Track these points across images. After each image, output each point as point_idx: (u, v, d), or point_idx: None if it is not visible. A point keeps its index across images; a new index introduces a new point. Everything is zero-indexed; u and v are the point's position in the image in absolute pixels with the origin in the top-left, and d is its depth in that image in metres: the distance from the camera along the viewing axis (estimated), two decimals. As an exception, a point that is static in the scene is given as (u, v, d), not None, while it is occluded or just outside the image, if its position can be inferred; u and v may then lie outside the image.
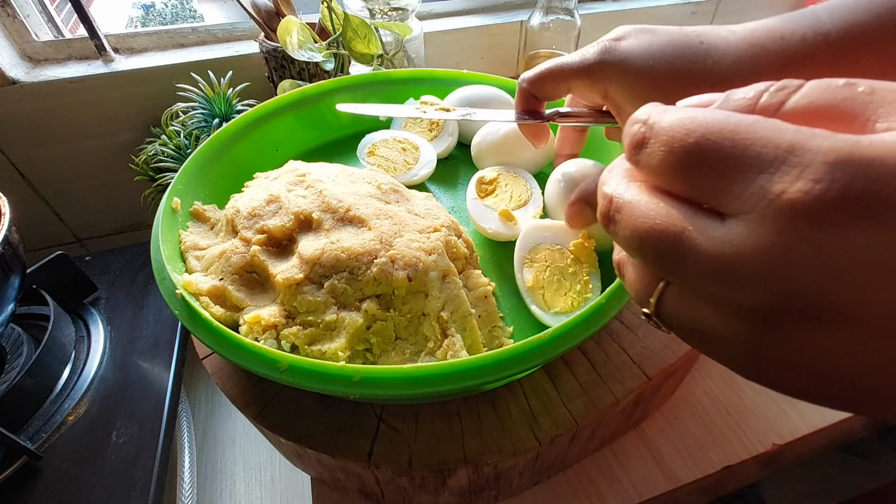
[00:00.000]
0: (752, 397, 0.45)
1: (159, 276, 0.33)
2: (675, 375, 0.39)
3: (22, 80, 0.59)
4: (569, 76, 0.32)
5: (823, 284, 0.11)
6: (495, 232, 0.41)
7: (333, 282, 0.32)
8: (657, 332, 0.37)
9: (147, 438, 0.46)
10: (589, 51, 0.31)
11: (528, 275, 0.37)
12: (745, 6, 0.89)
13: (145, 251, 0.65)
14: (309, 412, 0.33)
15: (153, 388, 0.51)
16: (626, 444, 0.42)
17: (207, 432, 0.60)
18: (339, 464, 0.32)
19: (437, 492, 0.34)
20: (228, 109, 0.58)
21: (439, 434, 0.32)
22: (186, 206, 0.40)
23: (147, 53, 0.66)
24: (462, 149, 0.54)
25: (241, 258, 0.34)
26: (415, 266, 0.32)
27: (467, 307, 0.34)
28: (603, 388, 0.33)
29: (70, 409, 0.48)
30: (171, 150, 0.57)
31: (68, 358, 0.52)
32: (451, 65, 0.78)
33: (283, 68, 0.60)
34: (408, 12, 0.60)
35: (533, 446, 0.31)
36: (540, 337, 0.28)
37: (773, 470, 0.46)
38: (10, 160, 0.64)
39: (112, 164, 0.68)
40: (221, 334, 0.29)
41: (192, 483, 0.52)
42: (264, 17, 0.60)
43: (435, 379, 0.27)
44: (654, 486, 0.40)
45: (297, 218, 0.35)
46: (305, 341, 0.31)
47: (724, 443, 0.42)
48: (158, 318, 0.58)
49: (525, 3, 0.81)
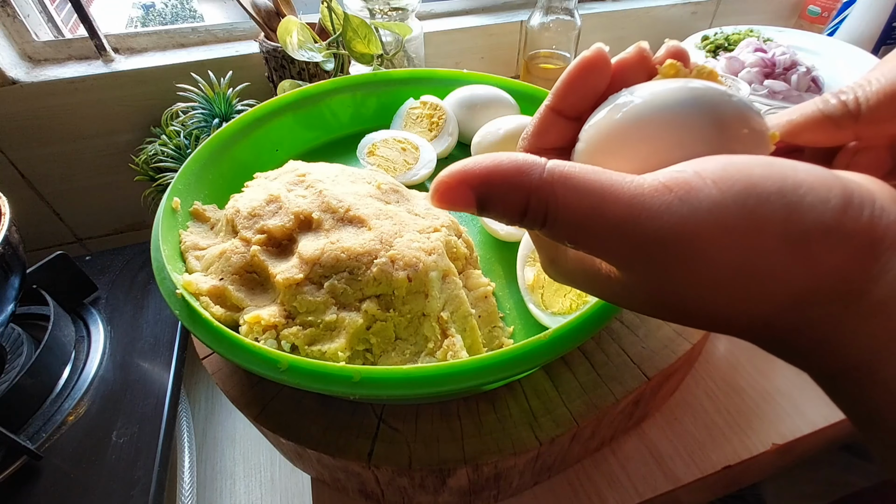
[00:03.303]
0: (753, 397, 0.45)
1: (159, 276, 0.33)
2: (675, 376, 0.39)
3: (22, 80, 0.59)
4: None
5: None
6: (507, 233, 0.41)
7: (333, 282, 0.32)
8: (657, 333, 0.37)
9: (147, 438, 0.46)
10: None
11: (530, 274, 0.37)
12: (745, 6, 0.89)
13: (145, 251, 0.66)
14: (309, 412, 0.33)
15: (153, 388, 0.51)
16: (626, 444, 0.42)
17: (207, 432, 0.60)
18: (339, 464, 0.32)
19: (437, 492, 0.34)
20: (228, 109, 0.58)
21: (439, 434, 0.32)
22: (186, 206, 0.40)
23: (147, 53, 0.66)
24: (462, 149, 0.54)
25: (241, 258, 0.34)
26: (415, 266, 0.32)
27: (467, 307, 0.34)
28: (603, 389, 0.33)
29: (70, 409, 0.48)
30: (171, 150, 0.57)
31: (68, 358, 0.52)
32: (451, 65, 0.78)
33: (283, 68, 0.60)
34: (408, 12, 0.60)
35: (533, 446, 0.31)
36: (540, 338, 0.28)
37: (774, 470, 0.46)
38: (10, 160, 0.64)
39: (112, 164, 0.68)
40: (221, 334, 0.29)
41: (192, 483, 0.52)
42: (264, 17, 0.60)
43: (435, 379, 0.27)
44: (654, 486, 0.40)
45: (297, 218, 0.35)
46: (305, 341, 0.31)
47: (724, 443, 0.42)
48: (158, 318, 0.58)
49: (525, 3, 0.81)
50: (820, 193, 0.13)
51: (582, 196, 0.15)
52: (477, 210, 0.16)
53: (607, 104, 0.18)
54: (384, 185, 0.40)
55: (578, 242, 0.16)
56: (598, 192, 0.14)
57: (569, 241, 0.16)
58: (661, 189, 0.14)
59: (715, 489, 0.44)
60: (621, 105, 0.18)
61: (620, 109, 0.18)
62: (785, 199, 0.13)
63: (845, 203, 0.13)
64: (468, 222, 0.45)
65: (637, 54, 0.19)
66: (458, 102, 0.52)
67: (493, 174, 0.15)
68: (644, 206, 0.14)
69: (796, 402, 0.44)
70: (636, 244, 0.14)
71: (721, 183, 0.14)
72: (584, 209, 0.15)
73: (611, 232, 0.15)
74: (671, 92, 0.17)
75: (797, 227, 0.13)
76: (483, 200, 0.16)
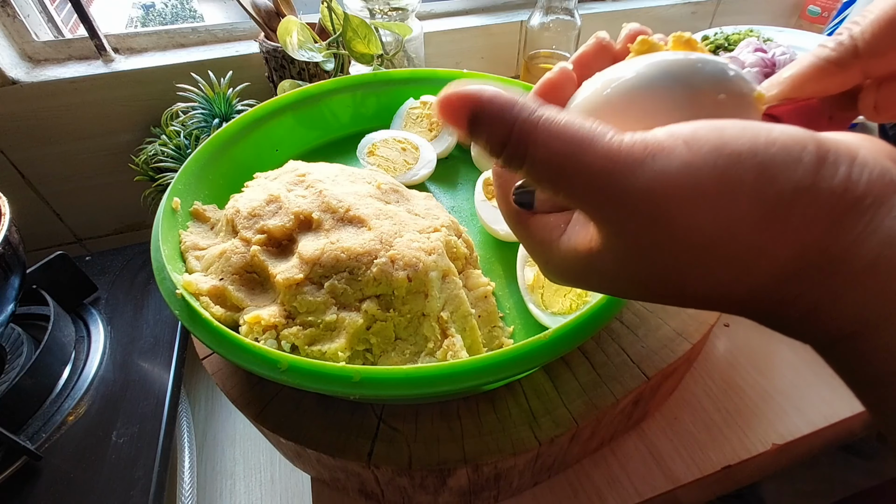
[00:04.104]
0: (752, 397, 0.45)
1: (159, 276, 0.33)
2: (675, 375, 0.39)
3: (22, 80, 0.59)
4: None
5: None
6: (507, 233, 0.41)
7: (333, 282, 0.32)
8: (657, 333, 0.37)
9: (147, 438, 0.46)
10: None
11: (530, 274, 0.37)
12: (745, 6, 0.89)
13: (145, 251, 0.66)
14: (309, 412, 0.33)
15: (153, 388, 0.51)
16: (626, 444, 0.42)
17: (207, 432, 0.60)
18: (339, 464, 0.32)
19: (437, 492, 0.34)
20: (228, 109, 0.58)
21: (439, 434, 0.32)
22: (186, 206, 0.40)
23: (147, 53, 0.66)
24: (462, 149, 0.54)
25: (241, 258, 0.34)
26: (415, 266, 0.32)
27: (467, 307, 0.34)
28: (603, 388, 0.33)
29: (70, 409, 0.48)
30: (171, 150, 0.57)
31: (68, 358, 0.52)
32: (451, 65, 0.78)
33: (283, 68, 0.60)
34: (408, 12, 0.60)
35: (533, 446, 0.31)
36: (540, 338, 0.28)
37: (773, 470, 0.46)
38: (10, 160, 0.64)
39: (112, 164, 0.68)
40: (221, 334, 0.29)
41: (192, 483, 0.52)
42: (264, 17, 0.60)
43: (435, 379, 0.27)
44: (654, 486, 0.40)
45: (297, 218, 0.35)
46: (305, 341, 0.31)
47: (724, 443, 0.42)
48: (158, 318, 0.58)
49: (525, 3, 0.81)
50: (793, 152, 0.13)
51: (563, 141, 0.15)
52: (468, 131, 0.16)
53: (582, 90, 0.18)
54: (384, 185, 0.40)
55: (558, 186, 0.15)
56: (578, 139, 0.14)
57: (549, 185, 0.16)
58: (637, 145, 0.14)
59: (715, 489, 0.44)
60: (598, 88, 0.18)
61: (598, 92, 0.18)
62: (756, 158, 0.13)
63: (819, 161, 0.13)
64: (468, 222, 0.45)
65: (596, 45, 0.20)
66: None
67: (489, 102, 0.16)
68: (619, 160, 0.14)
69: (796, 402, 0.44)
70: (611, 197, 0.14)
71: (692, 143, 0.14)
72: (563, 153, 0.15)
73: (588, 179, 0.14)
74: (645, 68, 0.17)
75: (770, 189, 0.13)
76: (473, 123, 0.16)
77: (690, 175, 0.13)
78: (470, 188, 0.49)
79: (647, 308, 0.38)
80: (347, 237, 0.33)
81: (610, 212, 0.15)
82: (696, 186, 0.13)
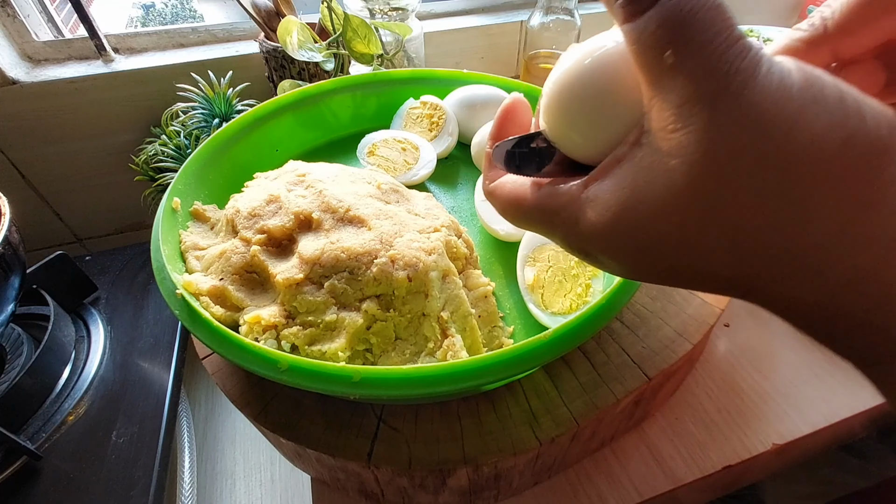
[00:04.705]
0: (752, 397, 0.45)
1: (159, 276, 0.33)
2: (676, 376, 0.39)
3: (22, 80, 0.59)
4: None
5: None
6: (507, 233, 0.41)
7: (333, 282, 0.32)
8: (657, 333, 0.37)
9: (147, 438, 0.46)
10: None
11: (530, 273, 0.37)
12: (745, 6, 0.89)
13: (145, 251, 0.66)
14: (309, 412, 0.33)
15: (153, 388, 0.51)
16: (626, 444, 0.42)
17: (207, 432, 0.60)
18: (339, 464, 0.32)
19: (436, 492, 0.34)
20: (228, 109, 0.58)
21: (439, 434, 0.32)
22: (186, 206, 0.40)
23: (147, 53, 0.66)
24: (462, 149, 0.54)
25: (241, 258, 0.34)
26: (415, 266, 0.32)
27: (467, 307, 0.34)
28: (603, 388, 0.33)
29: (70, 409, 0.48)
30: (171, 150, 0.57)
31: (68, 358, 0.52)
32: (451, 65, 0.78)
33: (283, 68, 0.60)
34: (408, 12, 0.60)
35: (533, 446, 0.31)
36: (540, 338, 0.28)
37: (773, 470, 0.46)
38: (10, 160, 0.64)
39: (112, 164, 0.68)
40: (221, 334, 0.29)
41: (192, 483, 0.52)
42: (264, 17, 0.60)
43: (435, 379, 0.27)
44: (654, 486, 0.40)
45: (297, 218, 0.35)
46: (305, 341, 0.31)
47: (724, 443, 0.42)
48: (158, 318, 0.58)
49: (525, 3, 0.81)
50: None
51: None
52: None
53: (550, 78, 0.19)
54: (384, 185, 0.40)
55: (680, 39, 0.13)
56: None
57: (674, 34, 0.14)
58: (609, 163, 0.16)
59: (715, 489, 0.44)
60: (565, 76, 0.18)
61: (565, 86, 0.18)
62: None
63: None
64: (468, 222, 0.45)
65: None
66: (458, 102, 0.52)
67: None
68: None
69: (796, 402, 0.44)
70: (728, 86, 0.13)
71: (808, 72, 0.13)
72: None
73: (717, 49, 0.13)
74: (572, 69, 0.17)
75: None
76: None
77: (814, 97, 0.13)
78: (470, 188, 0.49)
79: (647, 308, 0.38)
80: (347, 237, 0.33)
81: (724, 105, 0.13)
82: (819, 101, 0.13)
